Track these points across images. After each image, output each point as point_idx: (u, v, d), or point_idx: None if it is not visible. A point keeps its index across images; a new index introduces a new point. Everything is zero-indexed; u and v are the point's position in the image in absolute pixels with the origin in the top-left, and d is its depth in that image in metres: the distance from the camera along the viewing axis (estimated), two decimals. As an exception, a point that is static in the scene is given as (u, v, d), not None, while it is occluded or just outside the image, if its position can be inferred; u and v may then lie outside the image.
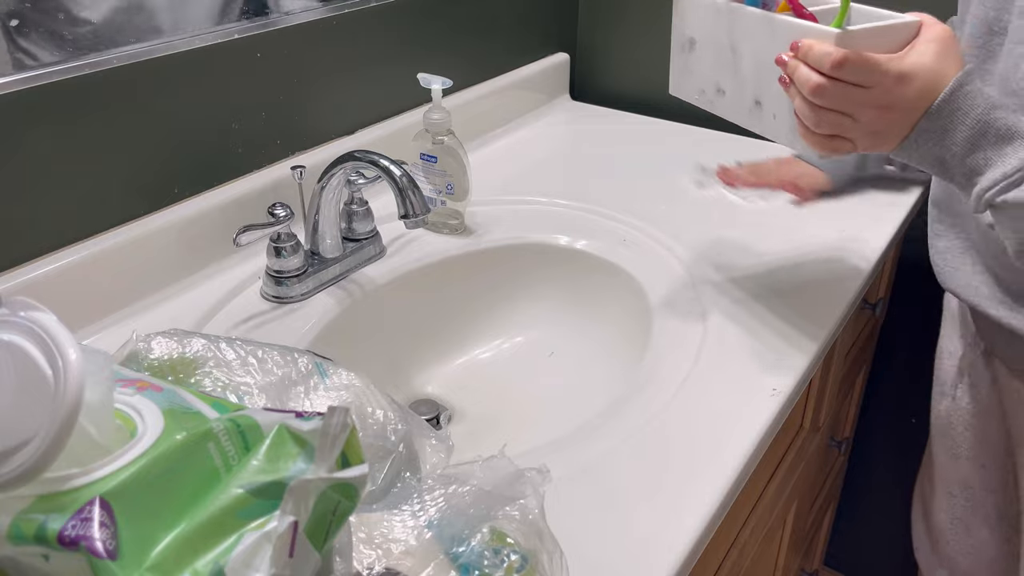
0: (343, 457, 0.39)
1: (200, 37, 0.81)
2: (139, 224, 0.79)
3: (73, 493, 0.37)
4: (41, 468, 0.36)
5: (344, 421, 0.38)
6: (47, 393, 0.36)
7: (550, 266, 0.95)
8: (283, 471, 0.38)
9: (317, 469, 0.38)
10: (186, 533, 0.37)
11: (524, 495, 0.45)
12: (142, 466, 0.37)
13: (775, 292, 0.84)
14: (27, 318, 0.37)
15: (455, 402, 0.86)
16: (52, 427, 0.36)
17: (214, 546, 0.37)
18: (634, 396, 0.70)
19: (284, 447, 0.39)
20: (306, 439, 0.39)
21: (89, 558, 0.35)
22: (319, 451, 0.38)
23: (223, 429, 0.39)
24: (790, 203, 1.00)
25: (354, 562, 0.42)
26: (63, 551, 0.35)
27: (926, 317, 1.24)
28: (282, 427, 0.39)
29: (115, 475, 0.37)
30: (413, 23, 1.04)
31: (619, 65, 1.34)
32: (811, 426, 0.97)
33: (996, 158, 0.60)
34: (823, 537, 1.40)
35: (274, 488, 0.38)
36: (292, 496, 0.36)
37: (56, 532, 0.36)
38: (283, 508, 0.36)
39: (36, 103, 0.69)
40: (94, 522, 0.36)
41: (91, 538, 0.35)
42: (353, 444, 0.39)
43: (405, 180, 0.76)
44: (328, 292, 0.84)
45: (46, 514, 0.36)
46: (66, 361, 0.36)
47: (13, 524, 0.37)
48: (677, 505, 0.59)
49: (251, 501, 0.38)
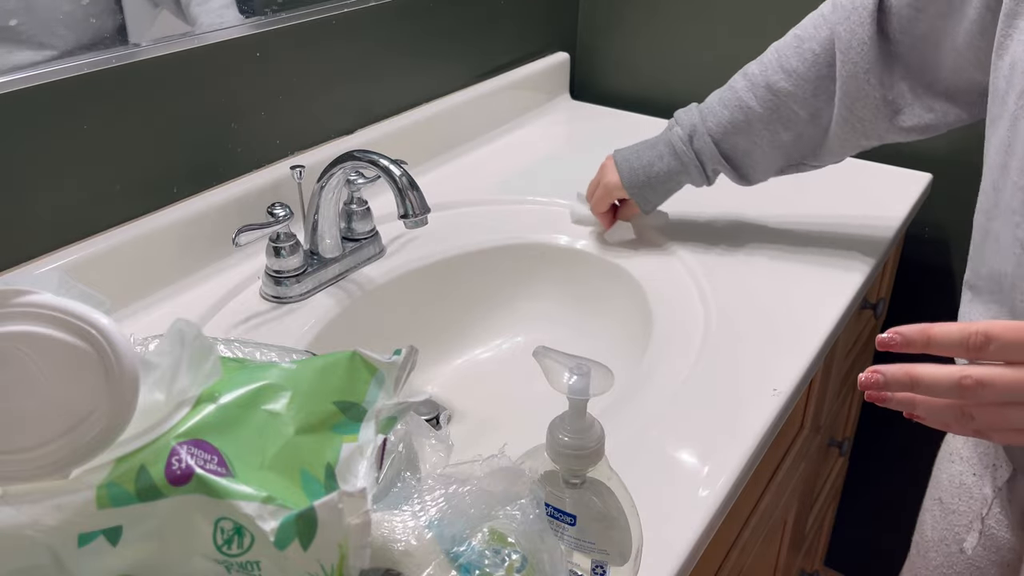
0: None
1: (199, 37, 0.81)
2: (138, 224, 0.79)
3: (154, 444, 0.38)
4: (119, 428, 0.37)
5: (413, 359, 0.47)
6: (91, 364, 0.37)
7: (550, 266, 0.95)
8: (361, 394, 0.45)
9: (388, 396, 0.46)
10: (291, 443, 0.42)
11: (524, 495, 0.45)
12: (215, 407, 0.41)
13: (776, 292, 0.84)
14: (24, 303, 0.37)
15: (455, 402, 0.85)
16: (118, 386, 0.37)
17: (317, 452, 0.42)
18: (634, 396, 0.70)
19: (359, 372, 0.45)
20: (376, 367, 0.46)
21: (208, 483, 0.37)
22: (393, 382, 0.46)
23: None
24: (790, 203, 1.00)
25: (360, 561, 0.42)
26: (175, 491, 0.38)
27: (927, 317, 1.24)
28: (356, 354, 0.46)
29: (187, 418, 0.40)
30: (413, 22, 1.04)
31: (619, 65, 1.34)
32: (811, 426, 0.97)
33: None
34: (823, 537, 1.40)
35: (355, 409, 0.44)
36: (376, 418, 0.44)
37: (162, 474, 0.37)
38: (375, 428, 0.44)
39: (36, 103, 0.69)
40: (196, 452, 0.38)
41: (202, 464, 0.38)
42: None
43: (405, 180, 0.76)
44: (327, 292, 0.84)
45: (136, 468, 0.38)
46: (100, 329, 0.37)
47: (104, 488, 0.38)
48: (677, 505, 0.59)
49: (340, 417, 0.44)
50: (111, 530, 0.38)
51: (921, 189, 1.05)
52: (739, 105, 0.83)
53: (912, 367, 0.48)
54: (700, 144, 0.85)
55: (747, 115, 0.82)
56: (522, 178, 1.08)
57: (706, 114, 0.85)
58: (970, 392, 0.46)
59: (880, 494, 1.40)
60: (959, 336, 0.47)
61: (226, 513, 0.38)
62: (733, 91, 0.84)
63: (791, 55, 0.80)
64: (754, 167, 0.86)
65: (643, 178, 0.89)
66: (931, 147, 1.13)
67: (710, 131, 0.85)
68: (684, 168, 0.87)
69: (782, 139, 0.83)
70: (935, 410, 0.49)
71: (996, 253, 0.63)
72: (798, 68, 0.79)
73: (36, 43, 0.70)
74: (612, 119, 1.28)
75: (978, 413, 0.48)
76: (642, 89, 1.32)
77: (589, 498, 0.49)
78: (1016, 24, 0.60)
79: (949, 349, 0.47)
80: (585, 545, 0.49)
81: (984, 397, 0.46)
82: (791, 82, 0.80)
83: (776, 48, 0.82)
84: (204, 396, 0.41)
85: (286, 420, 0.42)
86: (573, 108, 1.33)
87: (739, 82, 0.84)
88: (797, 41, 0.80)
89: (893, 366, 0.49)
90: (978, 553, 0.72)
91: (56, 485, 0.38)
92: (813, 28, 0.79)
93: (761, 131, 0.83)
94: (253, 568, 0.38)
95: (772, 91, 0.81)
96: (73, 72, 0.71)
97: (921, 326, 0.48)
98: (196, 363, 0.41)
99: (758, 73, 0.82)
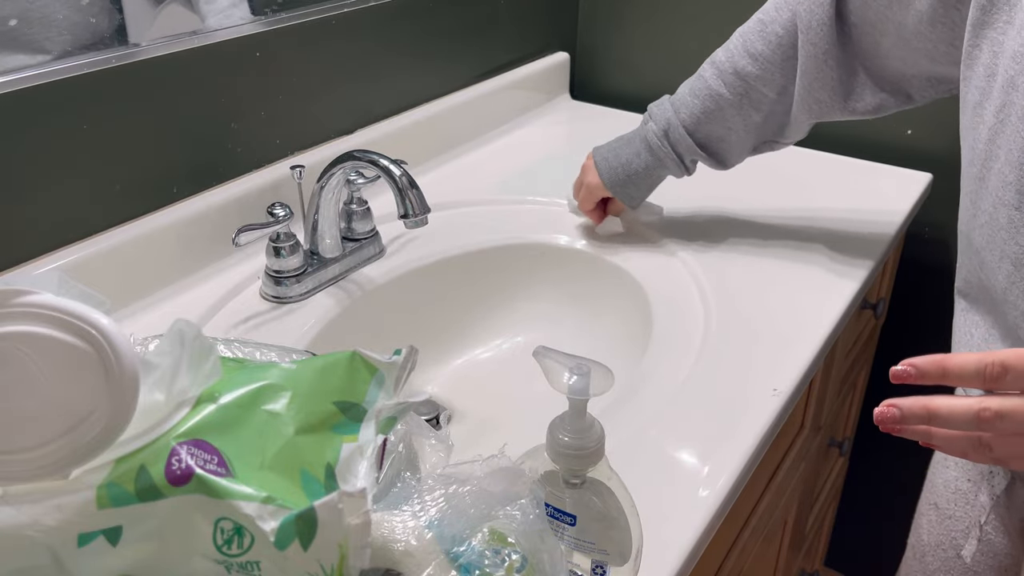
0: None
1: (200, 36, 0.81)
2: (138, 224, 0.79)
3: (154, 444, 0.38)
4: (119, 428, 0.37)
5: (413, 359, 0.47)
6: (91, 364, 0.37)
7: (550, 266, 0.95)
8: (360, 395, 0.45)
9: (388, 396, 0.46)
10: (291, 443, 0.41)
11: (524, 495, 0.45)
12: (215, 408, 0.41)
13: (776, 292, 0.84)
14: (24, 303, 0.37)
15: (455, 402, 0.85)
16: (118, 386, 0.37)
17: (317, 452, 0.42)
18: (634, 396, 0.70)
19: (359, 372, 0.46)
20: (376, 367, 0.46)
21: (208, 483, 0.37)
22: (393, 382, 0.46)
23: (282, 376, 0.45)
24: (790, 203, 1.00)
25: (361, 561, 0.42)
26: (175, 491, 0.37)
27: (927, 317, 1.24)
28: (356, 354, 0.46)
29: (187, 419, 0.40)
30: (413, 22, 1.04)
31: (619, 65, 1.34)
32: (811, 426, 0.97)
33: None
34: (823, 537, 1.40)
35: (355, 410, 0.45)
36: (376, 418, 0.44)
37: (162, 474, 0.37)
38: (375, 429, 0.44)
39: (36, 102, 0.69)
40: (196, 452, 0.38)
41: (202, 464, 0.38)
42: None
43: (405, 180, 0.76)
44: (327, 292, 0.84)
45: (136, 469, 0.37)
46: (100, 330, 0.37)
47: (104, 488, 0.38)
48: (677, 505, 0.59)
49: (340, 417, 0.44)
50: (111, 530, 0.38)
51: (921, 189, 1.05)
52: (709, 94, 0.83)
53: (929, 400, 0.48)
54: (675, 137, 0.85)
55: (718, 102, 0.83)
56: (522, 178, 1.08)
57: (678, 106, 0.86)
58: (989, 424, 0.46)
59: (880, 494, 1.40)
60: (975, 367, 0.46)
61: (226, 513, 0.38)
62: (703, 80, 0.84)
63: (756, 39, 0.81)
64: (729, 151, 0.87)
65: (623, 176, 0.89)
66: (931, 147, 1.13)
67: (684, 123, 0.85)
68: (662, 163, 0.88)
69: (754, 120, 0.84)
70: (952, 440, 0.49)
71: (981, 266, 0.63)
72: (763, 51, 0.80)
73: (36, 44, 0.70)
74: (612, 119, 1.28)
75: (996, 444, 0.47)
76: (642, 89, 1.32)
77: (589, 498, 0.49)
78: (985, 35, 0.59)
79: (965, 380, 0.47)
80: (585, 545, 0.49)
81: (1004, 428, 0.46)
82: (757, 66, 0.80)
83: (741, 33, 0.83)
84: (204, 396, 0.41)
85: (286, 420, 0.42)
86: (573, 108, 1.33)
87: (707, 70, 0.84)
88: (760, 25, 0.81)
89: (909, 400, 0.48)
90: (976, 559, 0.72)
91: (56, 485, 0.38)
92: (775, 11, 0.80)
93: (733, 116, 0.83)
94: (253, 568, 0.38)
95: (740, 76, 0.81)
96: (73, 72, 0.71)
97: (935, 358, 0.48)
98: (196, 363, 0.41)
99: (725, 60, 0.83)
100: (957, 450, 0.49)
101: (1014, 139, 0.57)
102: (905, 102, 0.79)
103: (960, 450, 0.49)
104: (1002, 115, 0.58)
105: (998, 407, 0.46)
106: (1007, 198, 0.58)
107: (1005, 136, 0.58)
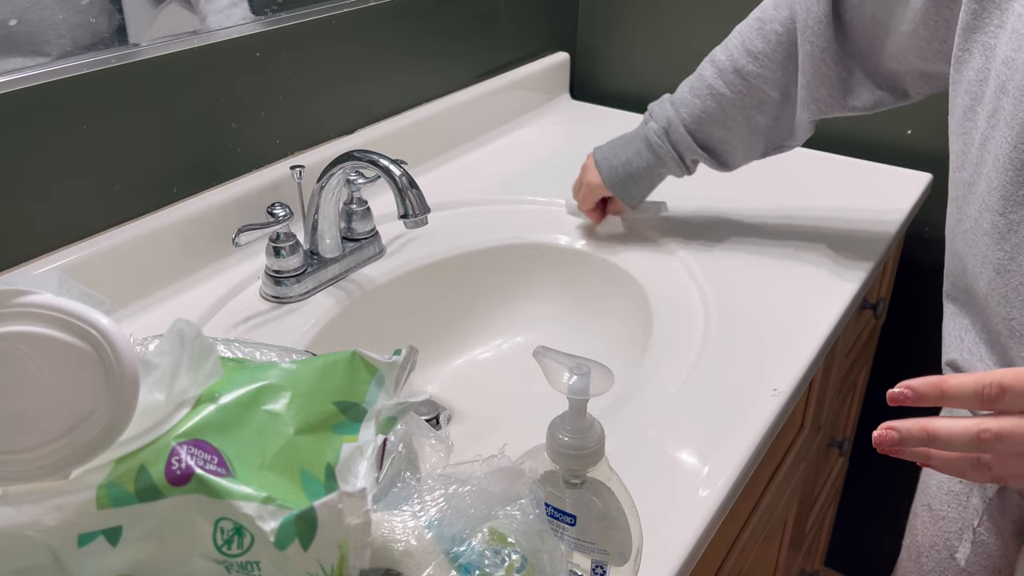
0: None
1: (199, 36, 0.81)
2: (138, 224, 0.79)
3: (154, 444, 0.38)
4: (119, 428, 0.37)
5: (413, 359, 0.47)
6: (91, 364, 0.37)
7: (550, 266, 0.95)
8: (360, 395, 0.45)
9: (388, 397, 0.46)
10: (291, 443, 0.42)
11: (524, 495, 0.45)
12: (215, 408, 0.41)
13: (776, 292, 0.84)
14: (24, 303, 0.37)
15: (455, 402, 0.85)
16: (118, 386, 0.37)
17: (317, 452, 0.42)
18: (634, 396, 0.70)
19: (358, 372, 0.46)
20: (376, 367, 0.46)
21: (208, 483, 0.37)
22: (393, 382, 0.46)
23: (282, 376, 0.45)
24: (790, 203, 1.00)
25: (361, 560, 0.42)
26: (175, 491, 0.37)
27: (927, 317, 1.24)
28: (356, 354, 0.46)
29: (187, 419, 0.40)
30: (413, 22, 1.04)
31: (619, 65, 1.34)
32: (811, 426, 0.97)
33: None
34: (823, 537, 1.40)
35: (355, 410, 0.45)
36: (376, 418, 0.44)
37: (162, 474, 0.37)
38: (375, 429, 0.44)
39: (36, 102, 0.69)
40: (196, 452, 0.38)
41: (202, 464, 0.38)
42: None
43: (405, 180, 0.76)
44: (327, 292, 0.84)
45: (136, 469, 0.37)
46: (100, 330, 0.37)
47: (104, 488, 0.38)
48: (677, 505, 0.59)
49: (340, 417, 0.44)
50: (111, 530, 0.38)
51: (921, 189, 1.05)
52: (710, 93, 0.83)
53: (928, 422, 0.48)
54: (676, 136, 0.85)
55: (719, 102, 0.83)
56: (522, 178, 1.08)
57: (679, 105, 0.85)
58: (989, 445, 0.46)
59: (880, 494, 1.40)
60: (973, 388, 0.46)
61: (226, 513, 0.38)
62: (702, 79, 0.84)
63: (754, 37, 0.81)
64: (732, 153, 0.87)
65: (623, 176, 0.89)
66: (931, 147, 1.13)
67: (684, 122, 0.85)
68: (662, 162, 0.88)
69: (758, 122, 0.83)
70: (950, 462, 0.49)
71: (964, 272, 0.63)
72: (764, 50, 0.80)
73: (34, 46, 0.69)
74: (612, 119, 1.28)
75: (996, 464, 0.47)
76: (642, 89, 1.32)
77: (589, 498, 0.49)
78: (976, 39, 0.59)
79: (963, 402, 0.47)
80: (585, 545, 0.49)
81: (1004, 449, 0.46)
82: (758, 64, 0.80)
83: (739, 31, 0.83)
84: (204, 396, 0.41)
85: (286, 420, 0.42)
86: (573, 108, 1.33)
87: (707, 69, 0.84)
88: (759, 23, 0.81)
89: (907, 422, 0.48)
90: (970, 561, 0.72)
91: (56, 485, 0.38)
92: (774, 9, 0.80)
93: (736, 116, 0.83)
94: (253, 568, 0.38)
95: (741, 75, 0.81)
96: (73, 72, 0.71)
97: (932, 379, 0.47)
98: (196, 363, 0.41)
99: (724, 59, 0.83)
100: (955, 471, 0.49)
101: (1001, 144, 0.57)
102: (902, 98, 0.79)
103: (959, 470, 0.49)
104: (993, 120, 0.58)
105: (998, 428, 0.46)
106: (992, 203, 0.58)
107: (994, 141, 0.58)
